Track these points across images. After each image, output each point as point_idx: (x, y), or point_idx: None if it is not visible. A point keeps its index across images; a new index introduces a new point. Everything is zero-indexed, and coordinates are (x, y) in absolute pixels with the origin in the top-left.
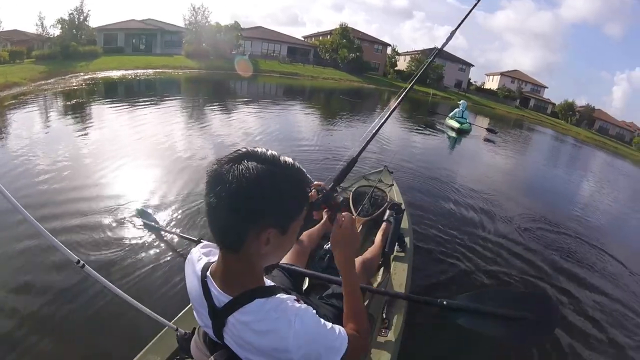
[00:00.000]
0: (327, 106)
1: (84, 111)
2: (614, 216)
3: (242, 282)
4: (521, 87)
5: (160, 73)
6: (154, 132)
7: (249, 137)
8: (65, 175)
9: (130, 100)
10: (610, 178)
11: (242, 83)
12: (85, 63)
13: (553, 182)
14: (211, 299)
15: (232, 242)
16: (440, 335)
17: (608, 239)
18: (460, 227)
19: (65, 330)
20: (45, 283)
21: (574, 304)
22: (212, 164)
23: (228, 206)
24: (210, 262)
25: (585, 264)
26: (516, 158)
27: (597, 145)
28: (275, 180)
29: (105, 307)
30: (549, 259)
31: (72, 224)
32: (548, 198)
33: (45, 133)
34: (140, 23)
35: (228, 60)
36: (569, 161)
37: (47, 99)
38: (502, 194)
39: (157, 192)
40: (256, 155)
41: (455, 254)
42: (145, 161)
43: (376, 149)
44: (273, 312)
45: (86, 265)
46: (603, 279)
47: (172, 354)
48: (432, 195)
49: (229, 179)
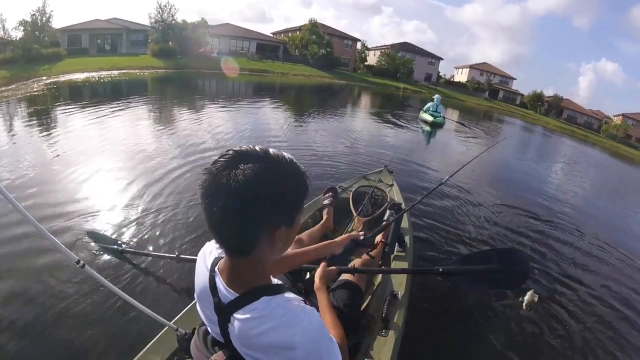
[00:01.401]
0: (297, 103)
1: (44, 120)
2: (580, 195)
3: (249, 280)
4: (490, 79)
5: (125, 74)
6: (119, 138)
7: (219, 138)
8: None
9: (95, 104)
10: (579, 162)
11: (210, 82)
12: (49, 66)
13: (532, 171)
14: (217, 295)
15: (244, 249)
16: (441, 335)
17: (580, 216)
18: (460, 227)
19: (65, 330)
20: (45, 283)
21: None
22: (204, 173)
23: (239, 215)
24: (221, 257)
25: (557, 239)
26: (493, 150)
27: (566, 134)
28: (279, 177)
29: (105, 307)
30: (538, 248)
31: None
32: (531, 186)
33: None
34: (105, 23)
35: (195, 59)
36: (540, 149)
37: (9, 106)
38: (488, 186)
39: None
40: (249, 156)
41: (455, 253)
42: (111, 171)
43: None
44: (280, 309)
45: (86, 266)
46: (567, 245)
47: (172, 354)
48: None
49: (232, 187)
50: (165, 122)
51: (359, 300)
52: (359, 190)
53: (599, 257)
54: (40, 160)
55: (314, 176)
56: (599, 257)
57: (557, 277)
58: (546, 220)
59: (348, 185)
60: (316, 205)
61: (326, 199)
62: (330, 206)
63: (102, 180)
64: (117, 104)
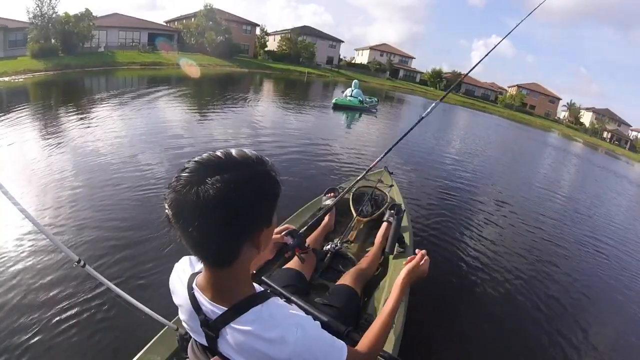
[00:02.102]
0: (197, 95)
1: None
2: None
3: (234, 292)
4: (391, 59)
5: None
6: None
7: (115, 144)
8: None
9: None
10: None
11: (99, 81)
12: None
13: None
14: (202, 312)
15: (227, 259)
16: (441, 335)
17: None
18: (460, 226)
19: (65, 329)
20: (45, 282)
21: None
22: (169, 191)
23: (217, 232)
24: (195, 273)
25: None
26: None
27: (467, 107)
28: (251, 183)
29: (106, 307)
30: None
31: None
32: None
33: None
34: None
35: (81, 56)
36: (451, 123)
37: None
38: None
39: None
40: (214, 165)
41: (455, 252)
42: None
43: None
44: (271, 319)
45: (87, 265)
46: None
47: (172, 354)
48: (430, 192)
49: (205, 204)
50: (47, 137)
51: (357, 304)
52: (359, 191)
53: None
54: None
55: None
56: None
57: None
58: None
59: (348, 185)
60: (316, 205)
61: (328, 199)
62: (333, 206)
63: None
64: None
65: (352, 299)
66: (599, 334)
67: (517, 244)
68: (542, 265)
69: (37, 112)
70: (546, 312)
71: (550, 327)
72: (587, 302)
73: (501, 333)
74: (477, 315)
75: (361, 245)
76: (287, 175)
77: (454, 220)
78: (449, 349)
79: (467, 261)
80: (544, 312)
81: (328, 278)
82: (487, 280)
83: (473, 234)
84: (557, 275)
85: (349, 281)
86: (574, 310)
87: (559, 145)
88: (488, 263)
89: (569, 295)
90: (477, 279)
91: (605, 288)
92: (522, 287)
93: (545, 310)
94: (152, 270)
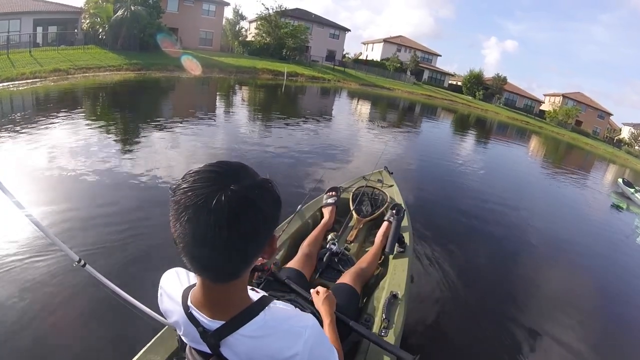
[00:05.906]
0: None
1: None
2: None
3: (235, 304)
4: (415, 55)
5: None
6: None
7: (116, 145)
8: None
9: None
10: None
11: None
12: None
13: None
14: (200, 325)
15: (242, 269)
16: (441, 335)
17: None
18: (461, 226)
19: (65, 329)
20: (46, 282)
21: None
22: (179, 211)
23: (243, 238)
24: (188, 288)
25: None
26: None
27: (516, 124)
28: (265, 186)
29: (106, 307)
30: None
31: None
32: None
33: None
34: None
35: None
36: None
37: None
38: (492, 189)
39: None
40: (229, 173)
41: (455, 252)
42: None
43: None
44: (275, 322)
45: (87, 265)
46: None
47: (172, 354)
48: (431, 193)
49: (231, 212)
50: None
51: (356, 303)
52: (359, 191)
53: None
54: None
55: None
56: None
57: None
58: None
59: (348, 185)
60: (316, 205)
61: (330, 198)
62: (334, 205)
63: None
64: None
65: (352, 297)
66: (605, 334)
67: (520, 243)
68: (546, 263)
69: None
70: (547, 311)
71: (551, 327)
72: (589, 301)
73: (501, 333)
74: (477, 314)
75: (361, 245)
76: (287, 176)
77: (455, 220)
78: (449, 349)
79: (468, 261)
80: (544, 313)
81: (328, 278)
82: (488, 280)
83: (474, 234)
84: (560, 274)
85: (349, 280)
86: (574, 309)
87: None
88: (489, 263)
89: (571, 294)
90: (477, 279)
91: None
92: (524, 287)
93: (545, 309)
94: (152, 270)
